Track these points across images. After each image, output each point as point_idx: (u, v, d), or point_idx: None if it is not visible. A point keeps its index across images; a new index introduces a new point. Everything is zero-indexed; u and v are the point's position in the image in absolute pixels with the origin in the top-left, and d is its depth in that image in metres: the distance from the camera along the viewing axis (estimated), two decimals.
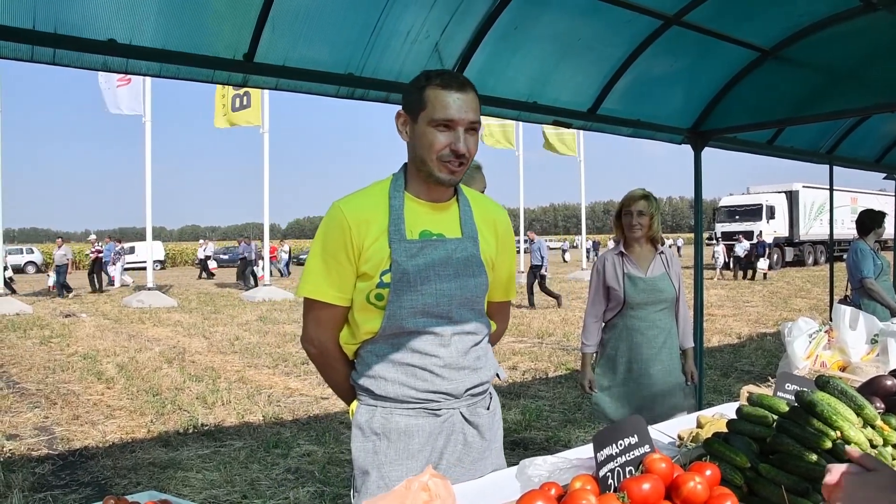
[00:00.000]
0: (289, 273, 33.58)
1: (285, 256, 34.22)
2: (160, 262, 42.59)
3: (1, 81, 16.52)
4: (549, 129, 22.76)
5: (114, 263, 26.59)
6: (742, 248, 26.56)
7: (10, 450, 5.67)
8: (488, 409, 2.01)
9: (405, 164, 1.96)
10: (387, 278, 1.82)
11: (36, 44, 2.79)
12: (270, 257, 34.50)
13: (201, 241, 38.32)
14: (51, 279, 23.16)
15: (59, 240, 23.62)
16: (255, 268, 25.52)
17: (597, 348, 3.83)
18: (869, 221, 5.99)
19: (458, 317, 1.90)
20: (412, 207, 1.89)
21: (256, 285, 23.99)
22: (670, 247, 3.91)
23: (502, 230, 2.07)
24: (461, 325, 1.91)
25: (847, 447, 1.34)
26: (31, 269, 41.98)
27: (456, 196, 1.97)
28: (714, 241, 30.49)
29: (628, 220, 3.69)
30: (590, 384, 3.79)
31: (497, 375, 2.09)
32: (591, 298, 3.80)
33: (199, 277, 32.66)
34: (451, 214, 1.95)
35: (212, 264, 33.47)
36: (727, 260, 27.73)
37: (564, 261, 45.55)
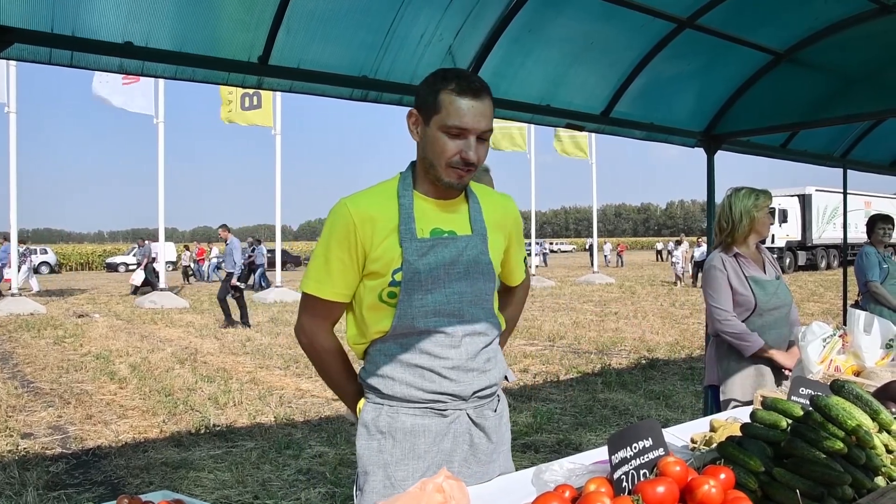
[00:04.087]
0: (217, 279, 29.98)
1: (214, 261, 31.70)
2: (172, 262, 42.78)
3: (16, 82, 16.70)
4: (563, 132, 22.70)
5: (20, 266, 23.38)
6: (701, 252, 22.23)
7: (24, 448, 5.73)
8: (495, 411, 1.98)
9: (413, 161, 1.94)
10: (398, 276, 1.81)
11: (54, 46, 2.82)
12: (198, 260, 33.45)
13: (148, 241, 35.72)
14: None
15: None
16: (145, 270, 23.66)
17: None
18: (867, 227, 6.09)
19: (469, 316, 1.88)
20: (421, 206, 1.87)
21: (134, 292, 22.75)
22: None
23: (511, 220, 2.06)
24: (472, 325, 1.89)
25: None
26: (44, 269, 42.34)
27: (465, 192, 1.95)
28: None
29: (766, 220, 3.42)
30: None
31: (505, 377, 2.07)
32: (721, 297, 3.38)
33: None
34: (460, 211, 1.93)
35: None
36: (684, 266, 24.85)
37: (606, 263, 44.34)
